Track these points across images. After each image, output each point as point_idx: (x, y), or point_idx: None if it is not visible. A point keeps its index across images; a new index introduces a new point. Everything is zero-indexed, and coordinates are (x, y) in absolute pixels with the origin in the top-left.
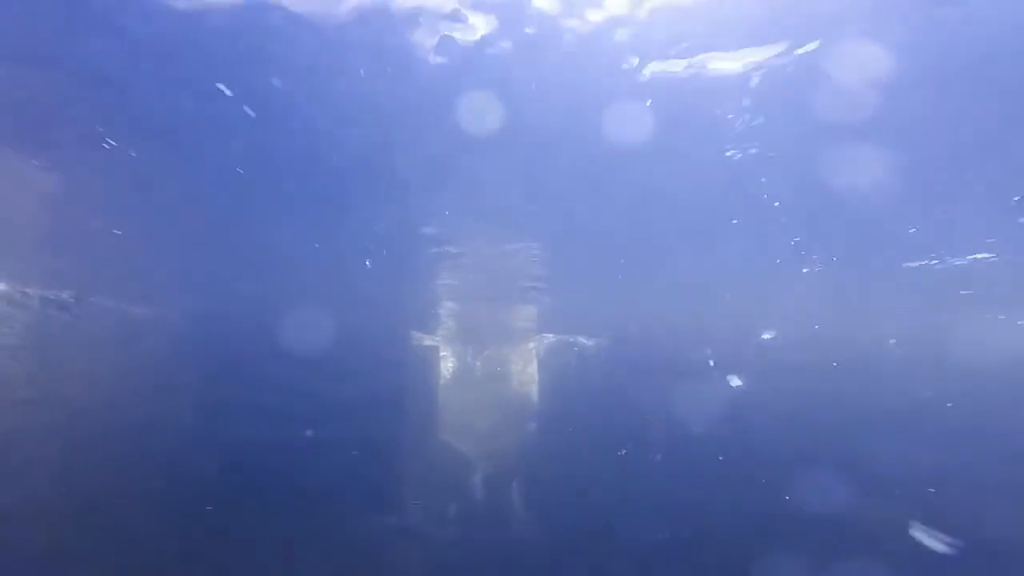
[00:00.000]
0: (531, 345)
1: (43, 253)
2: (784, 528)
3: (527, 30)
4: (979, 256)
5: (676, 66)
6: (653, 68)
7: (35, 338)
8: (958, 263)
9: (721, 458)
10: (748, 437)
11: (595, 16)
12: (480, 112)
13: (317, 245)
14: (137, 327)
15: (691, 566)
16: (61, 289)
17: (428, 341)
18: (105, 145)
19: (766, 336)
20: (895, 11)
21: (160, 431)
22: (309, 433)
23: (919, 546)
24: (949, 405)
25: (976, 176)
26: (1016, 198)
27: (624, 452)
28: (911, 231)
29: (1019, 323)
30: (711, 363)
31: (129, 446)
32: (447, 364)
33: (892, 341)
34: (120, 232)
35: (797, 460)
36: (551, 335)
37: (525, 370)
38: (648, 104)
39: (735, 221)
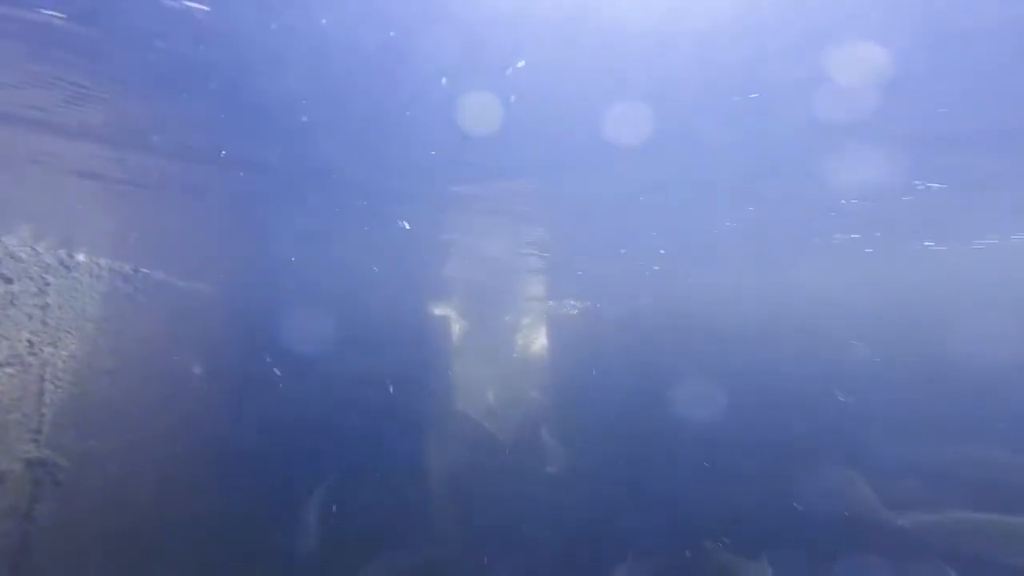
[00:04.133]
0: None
1: (105, 224)
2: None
3: None
4: None
5: None
6: None
7: (111, 309)
8: None
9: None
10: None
11: None
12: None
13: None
14: (189, 299)
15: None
16: (124, 261)
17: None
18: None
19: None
20: None
21: (229, 395)
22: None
23: None
24: None
25: None
26: None
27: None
28: None
29: None
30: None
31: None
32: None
33: None
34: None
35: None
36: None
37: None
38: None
39: None
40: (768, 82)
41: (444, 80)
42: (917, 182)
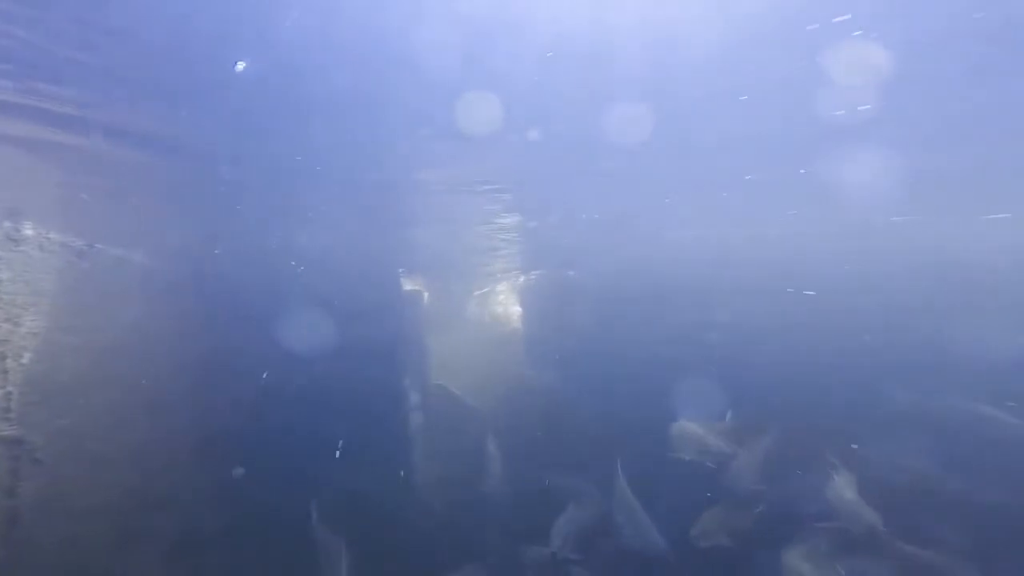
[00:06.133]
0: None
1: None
2: None
3: None
4: None
5: None
6: None
7: (65, 284)
8: None
9: None
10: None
11: None
12: None
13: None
14: (143, 274)
15: None
16: (75, 236)
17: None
18: None
19: None
20: None
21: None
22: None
23: None
24: None
25: None
26: None
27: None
28: None
29: None
30: None
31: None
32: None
33: None
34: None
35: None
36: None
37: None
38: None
39: None
40: None
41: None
42: None
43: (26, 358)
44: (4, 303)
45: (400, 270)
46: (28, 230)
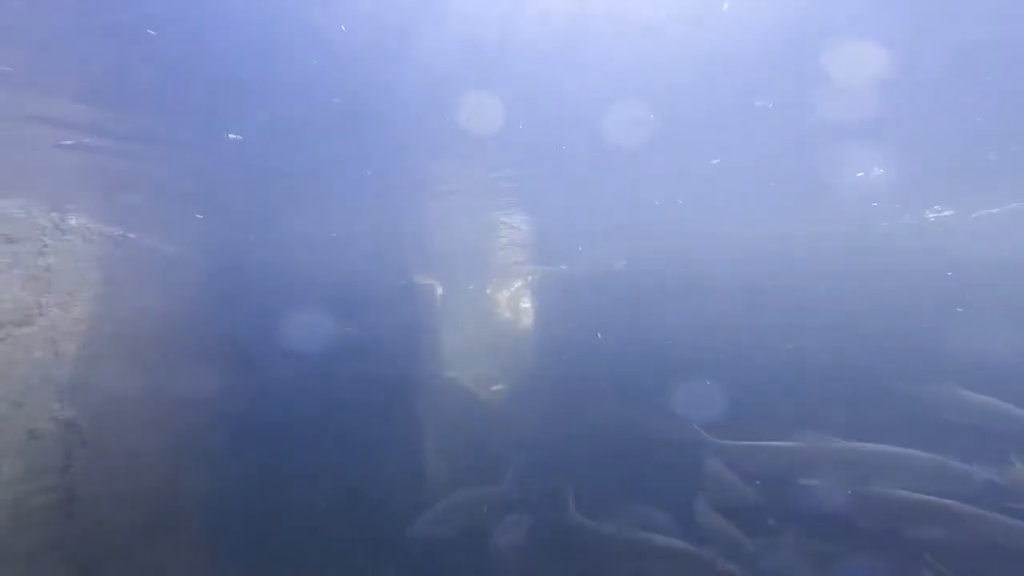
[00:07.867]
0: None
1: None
2: None
3: None
4: None
5: None
6: None
7: (106, 272)
8: None
9: None
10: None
11: None
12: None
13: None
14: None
15: None
16: (112, 226)
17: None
18: None
19: None
20: None
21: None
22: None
23: None
24: None
25: None
26: None
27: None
28: None
29: None
30: None
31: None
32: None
33: None
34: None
35: None
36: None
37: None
38: None
39: None
40: None
41: None
42: None
43: (74, 343)
44: (53, 289)
45: (412, 265)
46: (72, 220)
